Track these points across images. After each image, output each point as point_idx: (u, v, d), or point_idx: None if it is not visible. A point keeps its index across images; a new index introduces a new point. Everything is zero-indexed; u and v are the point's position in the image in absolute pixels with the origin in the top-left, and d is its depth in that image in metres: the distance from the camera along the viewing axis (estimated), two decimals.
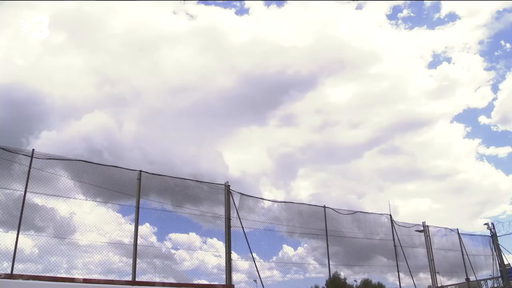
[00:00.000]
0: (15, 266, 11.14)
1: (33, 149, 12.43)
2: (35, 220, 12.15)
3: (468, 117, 70.11)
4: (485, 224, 26.13)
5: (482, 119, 67.66)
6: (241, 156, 58.19)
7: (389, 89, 63.09)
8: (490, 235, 25.78)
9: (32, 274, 11.29)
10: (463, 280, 24.68)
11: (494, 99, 65.59)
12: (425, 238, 22.69)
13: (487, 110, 66.94)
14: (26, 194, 11.86)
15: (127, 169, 14.33)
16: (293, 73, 57.81)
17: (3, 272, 10.86)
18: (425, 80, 65.30)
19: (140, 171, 14.37)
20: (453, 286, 27.13)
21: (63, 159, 13.30)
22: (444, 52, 69.24)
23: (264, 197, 18.52)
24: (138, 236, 13.59)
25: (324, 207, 19.25)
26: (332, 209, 19.58)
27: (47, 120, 41.58)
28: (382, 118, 64.32)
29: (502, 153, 67.08)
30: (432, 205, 60.22)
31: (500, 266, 25.39)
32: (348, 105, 64.41)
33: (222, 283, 14.83)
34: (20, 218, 11.50)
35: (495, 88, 66.35)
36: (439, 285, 22.58)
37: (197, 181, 16.12)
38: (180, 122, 55.08)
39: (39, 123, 38.90)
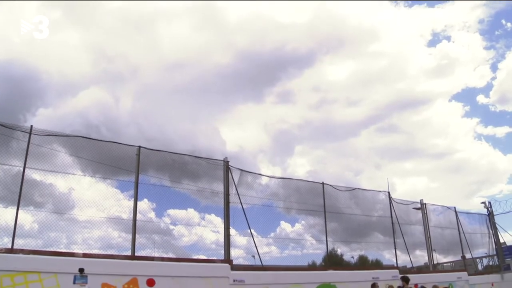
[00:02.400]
0: (15, 241, 11.24)
1: (32, 125, 12.40)
2: (34, 196, 12.21)
3: (466, 96, 70.23)
4: (482, 202, 26.23)
5: (481, 99, 67.76)
6: (238, 133, 58.24)
7: (388, 67, 62.75)
8: (487, 213, 25.98)
9: (33, 249, 11.41)
10: (459, 257, 24.97)
11: (493, 78, 65.56)
12: (422, 215, 22.83)
13: (486, 89, 67.23)
14: (25, 170, 11.88)
15: (125, 144, 14.32)
16: (291, 50, 57.35)
17: (3, 247, 10.96)
18: (424, 59, 64.91)
19: (139, 146, 14.37)
20: (449, 264, 27.47)
21: (62, 135, 13.27)
22: (443, 30, 68.89)
23: (262, 174, 18.56)
24: (137, 212, 13.66)
25: (323, 183, 19.28)
26: (330, 185, 19.61)
27: (44, 97, 41.41)
28: (380, 96, 64.20)
29: (500, 133, 67.37)
30: (429, 183, 60.69)
31: (496, 245, 25.65)
32: (346, 82, 64.19)
33: (220, 258, 14.98)
34: (20, 194, 11.55)
35: (494, 68, 66.20)
36: (435, 262, 22.86)
37: (196, 157, 16.11)
38: (177, 99, 54.86)
39: (36, 100, 38.76)
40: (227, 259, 14.90)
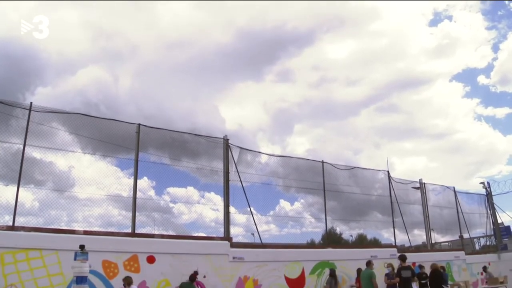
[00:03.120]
0: (16, 219, 11.29)
1: (31, 102, 12.29)
2: (34, 174, 12.21)
3: (467, 76, 69.73)
4: (481, 183, 26.34)
5: (481, 79, 67.34)
6: (237, 111, 58.07)
7: (388, 47, 62.08)
8: (485, 194, 26.08)
9: (34, 226, 11.48)
10: (457, 237, 25.17)
11: (494, 59, 64.92)
12: (421, 195, 22.91)
13: (487, 70, 66.51)
14: (25, 148, 11.85)
15: (125, 122, 14.26)
16: (291, 29, 56.63)
17: (5, 224, 11.02)
18: (425, 38, 64.22)
19: (139, 124, 14.29)
20: (447, 243, 27.72)
21: (62, 112, 13.16)
22: (445, 10, 68.01)
23: (262, 152, 18.55)
24: (137, 190, 13.69)
25: (322, 162, 19.26)
26: (330, 164, 19.59)
27: (43, 76, 41.11)
28: (380, 75, 63.72)
29: (500, 114, 67.17)
30: (428, 163, 60.81)
31: (493, 225, 25.83)
32: (346, 62, 63.62)
33: (220, 236, 15.09)
34: (20, 172, 11.54)
35: (495, 48, 65.51)
36: (433, 241, 23.04)
37: (196, 134, 16.10)
38: (176, 77, 54.46)
39: (35, 79, 38.48)
40: (227, 237, 15.01)
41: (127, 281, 11.30)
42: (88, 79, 38.70)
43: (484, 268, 21.30)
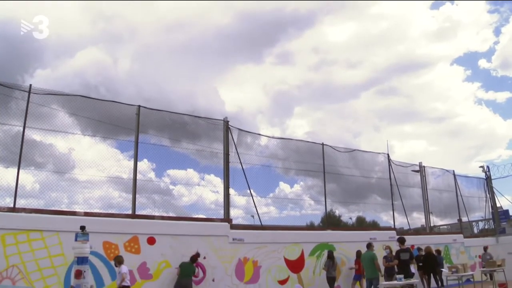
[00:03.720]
0: (17, 201, 11.31)
1: (31, 85, 12.19)
2: (34, 156, 12.18)
3: (468, 60, 69.02)
4: (481, 166, 26.32)
5: (482, 63, 66.76)
6: (237, 94, 57.86)
7: (389, 30, 61.42)
8: (485, 177, 26.13)
9: (35, 208, 11.53)
10: (455, 220, 25.30)
11: (496, 42, 64.21)
12: (421, 178, 22.94)
13: (488, 54, 65.74)
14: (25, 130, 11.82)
15: (125, 104, 14.12)
16: (291, 11, 55.91)
17: (6, 206, 11.07)
18: (427, 21, 63.47)
19: (139, 106, 14.23)
20: (446, 226, 27.86)
21: (61, 94, 13.08)
22: None
23: (262, 134, 18.52)
24: (137, 172, 13.71)
25: (323, 144, 19.22)
26: (330, 146, 19.55)
27: (42, 58, 40.67)
28: (381, 58, 63.20)
29: (501, 98, 66.80)
30: (428, 147, 60.78)
31: (492, 208, 25.93)
32: (347, 44, 63.06)
33: (220, 218, 15.16)
34: (20, 154, 11.52)
35: (497, 32, 64.80)
36: (432, 224, 23.18)
37: (196, 116, 15.98)
38: (176, 59, 54.03)
39: (34, 61, 38.07)
40: (227, 218, 15.07)
41: (118, 260, 11.42)
42: (87, 61, 38.51)
43: (485, 248, 21.45)
